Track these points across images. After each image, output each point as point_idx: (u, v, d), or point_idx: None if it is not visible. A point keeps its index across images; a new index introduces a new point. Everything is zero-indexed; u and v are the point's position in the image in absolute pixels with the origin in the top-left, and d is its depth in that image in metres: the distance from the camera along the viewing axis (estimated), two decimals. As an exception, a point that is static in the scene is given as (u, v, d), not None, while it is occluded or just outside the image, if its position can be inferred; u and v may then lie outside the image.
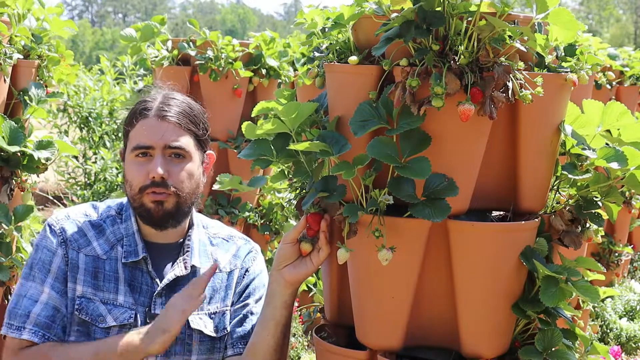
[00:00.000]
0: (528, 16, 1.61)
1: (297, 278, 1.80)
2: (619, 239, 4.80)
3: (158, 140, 1.86)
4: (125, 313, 1.86)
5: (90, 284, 1.87)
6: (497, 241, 1.63)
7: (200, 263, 1.95)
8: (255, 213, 4.28)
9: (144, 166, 1.86)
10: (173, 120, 1.88)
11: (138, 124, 1.88)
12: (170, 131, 1.87)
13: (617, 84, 4.79)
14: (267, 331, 1.85)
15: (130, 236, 1.92)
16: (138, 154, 1.87)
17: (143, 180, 1.85)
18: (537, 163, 1.70)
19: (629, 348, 4.50)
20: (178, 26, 45.39)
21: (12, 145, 2.58)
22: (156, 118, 1.87)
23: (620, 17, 44.67)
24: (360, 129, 1.59)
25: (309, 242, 1.77)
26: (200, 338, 1.93)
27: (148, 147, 1.86)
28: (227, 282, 1.98)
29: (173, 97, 1.93)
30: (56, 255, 1.87)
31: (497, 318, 1.67)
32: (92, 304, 1.86)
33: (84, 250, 1.89)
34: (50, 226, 1.91)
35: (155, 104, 1.90)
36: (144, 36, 3.95)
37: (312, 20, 1.99)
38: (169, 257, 1.95)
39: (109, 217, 1.95)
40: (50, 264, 1.87)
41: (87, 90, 6.99)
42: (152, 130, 1.86)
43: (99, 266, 1.88)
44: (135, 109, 1.91)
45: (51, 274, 1.87)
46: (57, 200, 7.39)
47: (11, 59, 2.69)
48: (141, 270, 1.91)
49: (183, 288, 1.84)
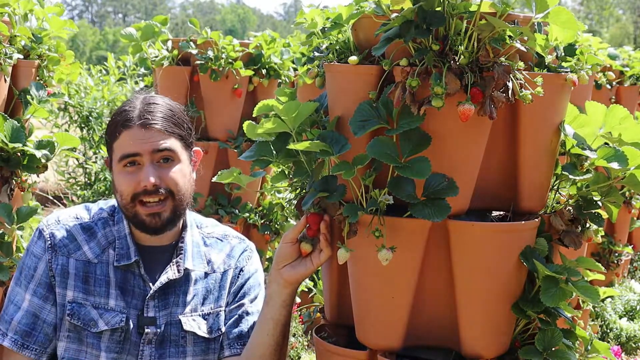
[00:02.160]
0: (528, 16, 1.62)
1: (296, 278, 1.80)
2: (619, 239, 4.80)
3: (144, 146, 1.83)
4: (116, 317, 1.86)
5: (81, 289, 1.86)
6: (497, 241, 1.63)
7: (193, 265, 1.94)
8: (255, 213, 4.28)
9: (134, 175, 1.83)
10: (157, 127, 1.84)
11: (122, 135, 1.84)
12: (156, 136, 1.84)
13: (617, 84, 4.79)
14: (267, 330, 1.85)
15: (122, 239, 1.91)
16: (126, 163, 1.84)
17: (134, 188, 1.83)
18: (537, 163, 1.70)
19: (629, 348, 4.50)
20: (178, 26, 45.38)
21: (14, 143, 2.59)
22: (139, 127, 1.83)
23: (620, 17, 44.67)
24: (360, 129, 1.59)
25: (309, 242, 1.77)
26: (195, 340, 1.92)
27: (135, 154, 1.83)
28: (221, 283, 1.97)
29: (153, 102, 1.88)
30: (41, 261, 1.87)
31: (497, 318, 1.67)
32: (83, 309, 1.86)
33: (74, 255, 1.88)
34: (40, 231, 1.90)
35: (135, 112, 1.85)
36: (144, 35, 3.95)
37: (312, 20, 1.99)
38: (162, 260, 1.93)
39: (100, 219, 1.93)
40: (35, 270, 1.87)
41: (88, 89, 6.99)
42: (136, 139, 1.83)
43: (90, 270, 1.87)
44: (116, 120, 1.86)
45: (34, 280, 1.87)
46: (57, 200, 7.38)
47: (11, 59, 2.69)
48: (133, 274, 1.90)
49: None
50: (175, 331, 1.90)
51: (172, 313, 1.90)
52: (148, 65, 4.08)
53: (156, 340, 1.88)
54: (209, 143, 4.11)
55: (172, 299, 1.91)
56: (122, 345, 1.86)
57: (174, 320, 1.90)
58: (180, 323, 1.90)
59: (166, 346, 1.89)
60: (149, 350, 1.87)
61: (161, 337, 1.89)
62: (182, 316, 1.91)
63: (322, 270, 1.92)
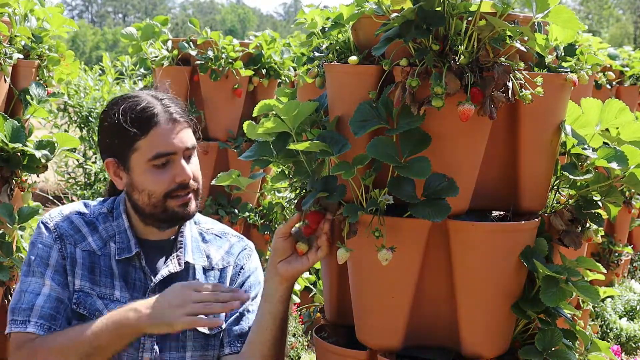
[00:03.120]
0: (528, 16, 1.61)
1: (292, 274, 1.81)
2: (619, 239, 4.80)
3: (179, 144, 1.85)
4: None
5: (88, 279, 1.87)
6: (497, 241, 1.63)
7: (193, 259, 1.95)
8: (255, 213, 4.28)
9: (166, 172, 1.84)
10: (182, 120, 1.88)
11: (152, 132, 1.84)
12: (185, 132, 1.87)
13: (617, 84, 4.80)
14: (265, 326, 1.85)
15: (122, 233, 1.92)
16: (158, 162, 1.84)
17: (167, 185, 1.85)
18: (537, 163, 1.70)
19: (629, 348, 4.50)
20: (178, 26, 45.39)
21: (14, 143, 2.60)
22: (168, 122, 1.85)
23: (620, 17, 44.67)
24: (360, 129, 1.59)
25: (305, 242, 1.77)
26: (195, 336, 1.92)
27: (171, 152, 1.84)
28: (220, 280, 1.98)
29: (164, 97, 1.90)
30: (53, 250, 1.87)
31: (497, 318, 1.67)
32: (89, 299, 1.86)
33: (80, 245, 1.89)
34: (45, 224, 1.90)
35: (158, 108, 1.86)
36: (144, 35, 3.96)
37: (312, 20, 1.99)
38: (162, 254, 1.95)
39: (100, 214, 1.95)
40: (49, 258, 1.87)
41: (88, 89, 6.99)
42: (170, 136, 1.84)
43: (95, 261, 1.89)
44: (138, 118, 1.84)
45: (50, 267, 1.86)
46: (57, 200, 7.38)
47: (11, 59, 2.69)
48: (134, 267, 1.91)
49: (204, 285, 1.81)
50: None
51: None
52: (148, 65, 4.09)
53: (157, 334, 1.88)
54: (209, 143, 4.11)
55: None
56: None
57: None
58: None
59: (167, 340, 1.89)
60: (150, 344, 1.88)
61: None
62: None
63: (322, 270, 1.92)
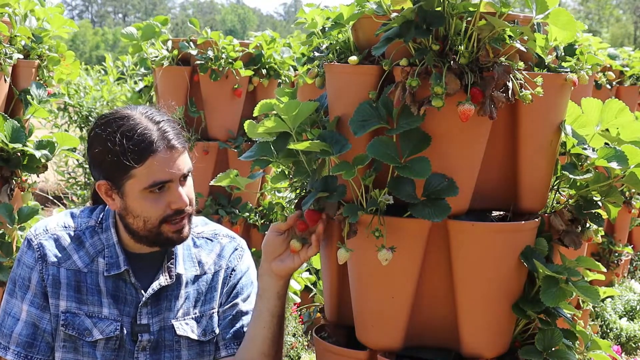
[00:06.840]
0: (528, 16, 1.61)
1: (286, 271, 1.81)
2: (619, 239, 4.80)
3: (176, 172, 1.80)
4: (110, 325, 1.85)
5: (74, 298, 1.85)
6: (497, 241, 1.63)
7: (184, 270, 1.93)
8: (256, 213, 4.28)
9: (162, 198, 1.80)
10: (180, 146, 1.81)
11: (148, 161, 1.77)
12: (181, 158, 1.82)
13: (617, 84, 4.80)
14: (263, 323, 1.85)
15: (111, 247, 1.88)
16: (154, 189, 1.80)
17: (163, 212, 1.81)
18: (537, 163, 1.70)
19: (629, 348, 4.50)
20: (178, 26, 45.39)
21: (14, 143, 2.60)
22: (166, 151, 1.79)
23: (620, 17, 44.67)
24: (360, 129, 1.59)
25: (299, 240, 1.77)
26: (189, 343, 1.92)
27: (167, 181, 1.80)
28: (212, 284, 1.96)
29: (160, 119, 1.82)
30: (34, 271, 1.86)
31: (497, 318, 1.67)
32: (77, 319, 1.85)
33: (64, 264, 1.86)
34: (29, 241, 1.88)
35: (154, 134, 1.79)
36: (145, 35, 3.96)
37: (312, 20, 1.99)
38: (153, 266, 1.92)
39: (87, 227, 1.91)
40: (30, 280, 1.86)
41: (87, 89, 6.99)
42: (167, 164, 1.79)
43: (81, 279, 1.86)
44: (136, 145, 1.77)
45: (30, 290, 1.86)
46: (57, 200, 7.38)
47: (11, 59, 2.69)
48: (125, 282, 1.88)
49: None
50: (169, 336, 1.90)
51: (165, 318, 1.90)
52: (148, 65, 4.09)
53: (150, 347, 1.88)
54: (209, 143, 4.12)
55: (165, 304, 1.90)
56: (117, 352, 1.86)
57: (167, 325, 1.90)
58: (173, 328, 1.90)
59: (161, 351, 1.89)
60: (144, 357, 1.87)
61: (155, 343, 1.89)
62: (174, 321, 1.90)
63: (322, 270, 1.92)
